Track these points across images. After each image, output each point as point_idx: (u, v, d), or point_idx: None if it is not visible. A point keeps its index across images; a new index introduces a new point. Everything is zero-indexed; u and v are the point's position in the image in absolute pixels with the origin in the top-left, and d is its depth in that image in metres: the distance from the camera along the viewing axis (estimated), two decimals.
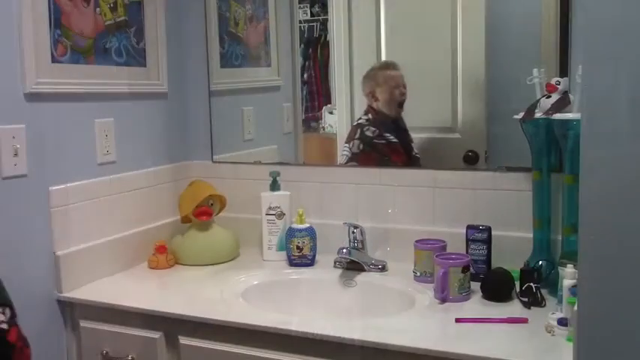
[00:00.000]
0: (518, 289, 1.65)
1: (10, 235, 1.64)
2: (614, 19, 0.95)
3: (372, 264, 1.91)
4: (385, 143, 2.06)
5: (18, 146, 1.65)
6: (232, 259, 2.07)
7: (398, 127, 2.05)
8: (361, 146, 2.08)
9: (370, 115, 2.07)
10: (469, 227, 1.80)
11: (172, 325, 1.65)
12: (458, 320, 1.51)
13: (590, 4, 0.97)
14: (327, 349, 1.48)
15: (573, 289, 1.40)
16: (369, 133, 2.07)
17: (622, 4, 0.95)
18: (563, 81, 1.65)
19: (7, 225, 1.63)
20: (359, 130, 2.08)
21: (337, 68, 2.16)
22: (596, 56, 0.97)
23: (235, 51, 2.27)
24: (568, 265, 1.46)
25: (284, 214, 2.04)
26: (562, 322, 1.41)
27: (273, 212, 2.03)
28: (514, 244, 1.79)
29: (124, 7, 1.98)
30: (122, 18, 1.98)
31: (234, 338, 1.57)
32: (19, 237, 1.67)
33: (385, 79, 2.06)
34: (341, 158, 2.11)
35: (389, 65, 2.06)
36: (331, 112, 2.23)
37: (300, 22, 2.22)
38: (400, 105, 2.04)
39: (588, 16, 0.97)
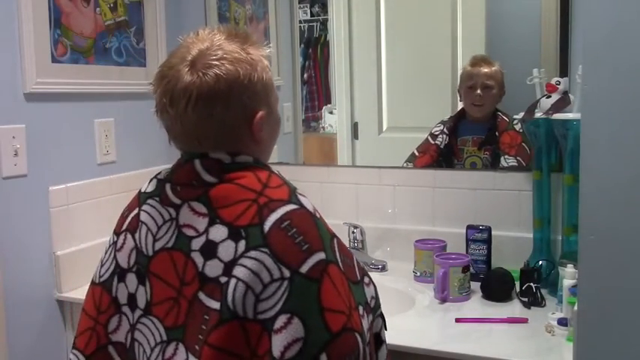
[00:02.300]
0: (518, 289, 1.65)
1: (10, 235, 1.64)
2: (614, 19, 0.95)
3: (372, 264, 1.91)
4: (446, 144, 1.98)
5: (18, 146, 1.65)
6: None
7: (478, 129, 1.94)
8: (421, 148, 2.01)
9: (457, 114, 1.97)
10: (469, 227, 1.80)
11: None
12: (458, 320, 1.51)
13: (590, 5, 0.97)
14: None
15: (573, 289, 1.40)
16: (436, 132, 1.98)
17: (621, 4, 0.95)
18: (563, 81, 1.65)
19: (7, 225, 1.63)
20: (430, 133, 2.00)
21: (337, 68, 2.17)
22: (596, 56, 0.97)
23: None
24: (568, 265, 1.46)
25: None
26: (562, 322, 1.41)
27: None
28: (514, 244, 1.79)
29: (124, 7, 1.98)
30: (122, 18, 1.98)
31: None
32: (19, 237, 1.67)
33: (467, 76, 1.95)
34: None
35: (476, 61, 1.93)
36: (331, 112, 2.24)
37: (300, 22, 2.23)
38: (477, 105, 1.94)
39: (588, 16, 0.97)
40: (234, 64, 1.03)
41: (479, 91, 1.91)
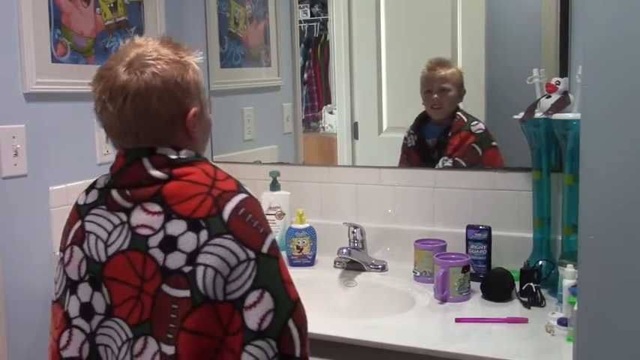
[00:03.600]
0: (518, 289, 1.65)
1: (10, 235, 1.64)
2: (614, 19, 0.95)
3: (372, 264, 1.91)
4: (409, 146, 2.02)
5: (18, 146, 1.65)
6: None
7: (437, 131, 1.97)
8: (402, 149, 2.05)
9: (421, 116, 2.00)
10: (469, 227, 1.80)
11: None
12: (458, 320, 1.51)
13: (590, 5, 0.97)
14: (327, 349, 1.47)
15: (573, 289, 1.40)
16: (406, 136, 2.03)
17: (621, 4, 0.95)
18: (563, 81, 1.65)
19: (7, 225, 1.63)
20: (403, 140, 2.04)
21: (337, 68, 2.16)
22: (596, 56, 0.97)
23: (235, 51, 2.27)
24: (568, 265, 1.46)
25: (284, 214, 2.04)
26: (562, 322, 1.41)
27: (273, 212, 2.03)
28: (514, 244, 1.79)
29: (124, 7, 1.98)
30: (122, 18, 1.98)
31: None
32: (19, 237, 1.67)
33: (424, 80, 1.98)
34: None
35: (432, 65, 1.95)
36: (331, 112, 2.23)
37: (300, 22, 2.23)
38: (435, 109, 1.96)
39: (588, 16, 0.97)
40: (169, 64, 1.11)
41: (435, 95, 1.94)
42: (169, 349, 1.04)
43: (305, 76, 2.27)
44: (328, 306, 1.80)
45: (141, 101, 1.09)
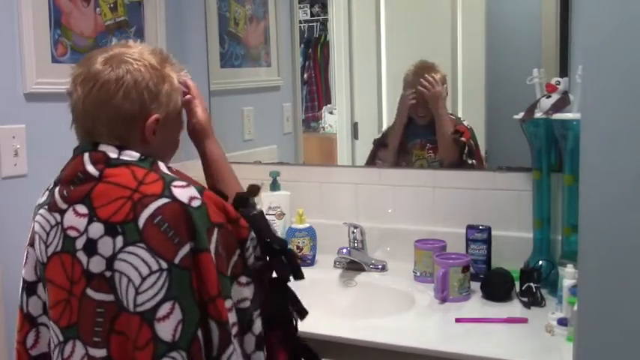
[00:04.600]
0: (518, 289, 1.65)
1: (10, 235, 1.64)
2: (614, 19, 0.95)
3: (372, 264, 1.91)
4: (384, 148, 2.04)
5: (18, 146, 1.66)
6: None
7: (426, 132, 1.99)
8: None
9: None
10: (469, 227, 1.80)
11: None
12: (458, 320, 1.51)
13: (590, 5, 0.97)
14: (327, 349, 1.47)
15: (573, 289, 1.40)
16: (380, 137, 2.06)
17: (621, 4, 0.95)
18: (563, 81, 1.65)
19: (7, 225, 1.63)
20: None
21: (337, 68, 2.17)
22: (596, 56, 0.97)
23: (235, 51, 2.27)
24: (568, 265, 1.47)
25: (284, 214, 2.04)
26: (562, 322, 1.42)
27: (273, 212, 2.03)
28: (514, 244, 1.79)
29: (124, 7, 1.98)
30: (122, 18, 1.98)
31: None
32: (19, 237, 1.67)
33: (409, 87, 2.00)
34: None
35: (417, 70, 1.97)
36: (331, 112, 2.24)
37: (300, 22, 2.23)
38: (421, 117, 1.98)
39: (588, 16, 0.97)
40: (147, 68, 1.13)
41: (414, 96, 1.97)
42: (98, 352, 1.06)
43: (305, 76, 2.27)
44: (328, 306, 1.80)
45: (107, 91, 1.10)
